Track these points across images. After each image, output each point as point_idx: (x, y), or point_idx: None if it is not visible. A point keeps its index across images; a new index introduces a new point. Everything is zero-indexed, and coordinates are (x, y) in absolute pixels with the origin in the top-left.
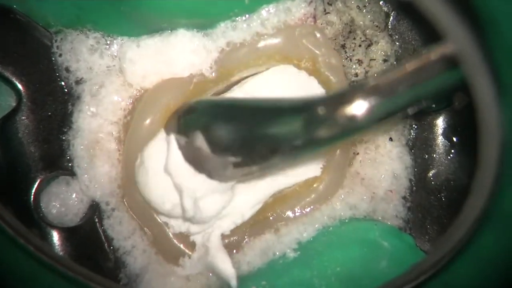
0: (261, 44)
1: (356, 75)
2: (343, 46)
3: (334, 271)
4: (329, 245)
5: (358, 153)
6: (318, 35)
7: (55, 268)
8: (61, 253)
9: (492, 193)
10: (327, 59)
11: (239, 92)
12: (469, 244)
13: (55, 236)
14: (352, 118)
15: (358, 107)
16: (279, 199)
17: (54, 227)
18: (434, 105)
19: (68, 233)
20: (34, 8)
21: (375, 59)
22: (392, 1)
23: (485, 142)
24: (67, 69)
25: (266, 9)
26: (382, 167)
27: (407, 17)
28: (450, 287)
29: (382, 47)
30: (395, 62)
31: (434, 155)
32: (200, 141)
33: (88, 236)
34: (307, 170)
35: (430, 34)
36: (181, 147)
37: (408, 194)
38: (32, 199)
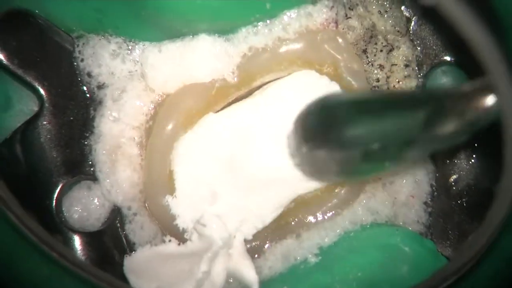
0: (283, 49)
1: (378, 80)
2: (365, 51)
3: (356, 276)
4: (350, 250)
5: None
6: (340, 40)
7: (79, 274)
8: (83, 258)
9: None
10: (349, 64)
11: (260, 97)
12: (492, 251)
13: (77, 241)
14: (486, 109)
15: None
16: (301, 204)
17: (76, 231)
18: None
19: (89, 238)
20: (56, 13)
21: (396, 64)
22: (414, 6)
23: (510, 150)
24: (89, 74)
25: (288, 14)
26: (403, 172)
27: (429, 22)
28: None
29: (403, 52)
30: (416, 68)
31: (456, 161)
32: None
33: (110, 241)
34: None
35: (451, 39)
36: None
37: (429, 199)
38: (54, 203)
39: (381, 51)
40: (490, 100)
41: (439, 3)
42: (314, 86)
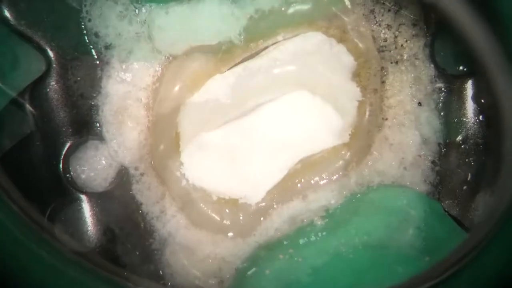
0: (290, 10)
1: (385, 40)
2: (372, 11)
3: (362, 239)
4: (356, 213)
5: (387, 119)
6: (347, 2)
7: (79, 262)
8: (90, 219)
9: None
10: (355, 26)
11: (267, 58)
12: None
13: (84, 201)
14: None
15: None
16: (307, 166)
17: (83, 192)
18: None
19: (97, 198)
20: None
21: (404, 24)
22: None
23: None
24: (96, 34)
25: None
26: (410, 132)
27: None
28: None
29: (411, 11)
30: (424, 27)
31: (463, 119)
32: None
33: (117, 201)
34: (335, 137)
35: None
36: None
37: (437, 158)
38: (61, 163)
39: (389, 11)
40: None
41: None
42: (321, 47)
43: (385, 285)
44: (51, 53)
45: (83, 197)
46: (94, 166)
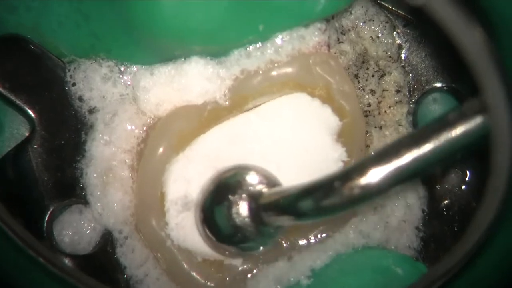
0: (275, 72)
1: (369, 105)
2: (356, 76)
3: None
4: (342, 272)
5: None
6: (332, 63)
7: (65, 279)
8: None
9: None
10: (341, 87)
11: (252, 115)
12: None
13: (68, 264)
14: (366, 187)
15: (371, 177)
16: (292, 227)
17: (67, 255)
18: None
19: (80, 261)
20: (48, 38)
21: (388, 90)
22: (405, 33)
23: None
24: (80, 98)
25: (280, 36)
26: (395, 196)
27: (420, 49)
28: None
29: (395, 78)
30: (407, 93)
31: (447, 186)
32: None
33: (101, 265)
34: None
35: (442, 66)
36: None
37: (421, 224)
38: (45, 227)
39: (373, 76)
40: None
41: (427, 3)
42: (305, 109)
43: None
44: (34, 117)
45: (67, 260)
46: (78, 230)
